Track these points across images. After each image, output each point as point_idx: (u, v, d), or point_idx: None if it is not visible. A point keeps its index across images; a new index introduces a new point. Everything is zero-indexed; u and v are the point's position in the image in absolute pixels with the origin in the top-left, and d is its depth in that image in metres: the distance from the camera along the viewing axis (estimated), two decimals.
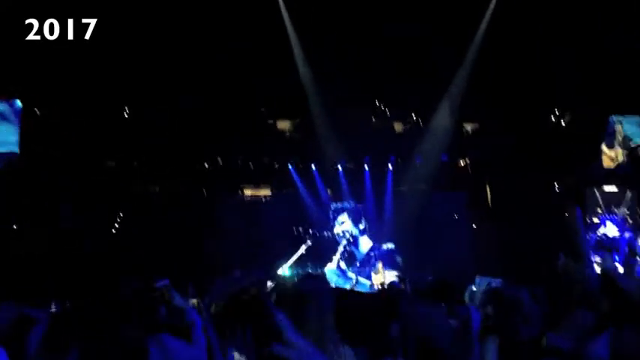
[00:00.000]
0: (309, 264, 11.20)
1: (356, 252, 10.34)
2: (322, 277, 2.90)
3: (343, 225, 10.43)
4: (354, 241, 10.35)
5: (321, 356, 1.07)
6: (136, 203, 13.37)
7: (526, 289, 3.83)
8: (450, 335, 3.37)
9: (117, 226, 13.39)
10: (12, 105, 12.11)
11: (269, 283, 10.46)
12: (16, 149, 11.91)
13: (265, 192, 14.83)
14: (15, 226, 12.26)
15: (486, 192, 15.05)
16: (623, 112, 9.00)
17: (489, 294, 3.70)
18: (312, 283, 2.72)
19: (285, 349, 1.08)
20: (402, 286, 8.23)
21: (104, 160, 13.47)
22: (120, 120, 13.32)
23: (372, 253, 10.97)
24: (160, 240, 12.10)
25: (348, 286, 9.89)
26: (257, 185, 14.71)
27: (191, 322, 2.38)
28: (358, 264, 10.23)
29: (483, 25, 12.44)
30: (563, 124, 14.06)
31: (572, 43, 11.45)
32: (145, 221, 12.81)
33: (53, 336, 2.96)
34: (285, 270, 10.89)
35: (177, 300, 2.64)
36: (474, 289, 6.17)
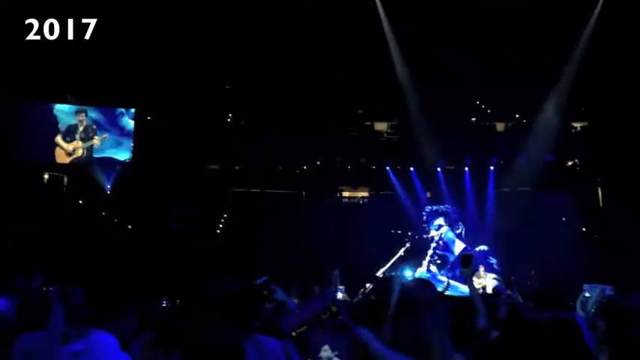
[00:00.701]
0: (406, 267, 11.08)
1: (449, 255, 10.09)
2: (432, 284, 2.80)
3: (440, 229, 10.21)
4: (446, 245, 10.11)
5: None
6: (238, 205, 13.86)
7: None
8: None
9: (221, 227, 13.94)
10: (126, 112, 13.03)
11: (368, 285, 10.50)
12: (128, 156, 12.83)
13: (363, 193, 14.87)
14: (130, 227, 13.08)
15: (597, 193, 14.22)
16: None
17: (608, 305, 3.46)
18: (424, 290, 2.66)
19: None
20: (509, 292, 7.96)
21: (208, 164, 14.05)
22: (223, 125, 13.86)
23: (460, 258, 10.66)
24: (261, 241, 12.46)
25: (440, 289, 9.69)
26: (355, 187, 14.78)
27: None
28: (449, 266, 9.99)
29: (592, 21, 11.76)
30: None
31: None
32: (247, 222, 13.24)
33: (163, 334, 3.15)
34: (383, 272, 10.83)
35: (280, 294, 2.72)
36: (587, 295, 5.83)
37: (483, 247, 10.70)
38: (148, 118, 13.29)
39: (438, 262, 10.17)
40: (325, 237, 12.90)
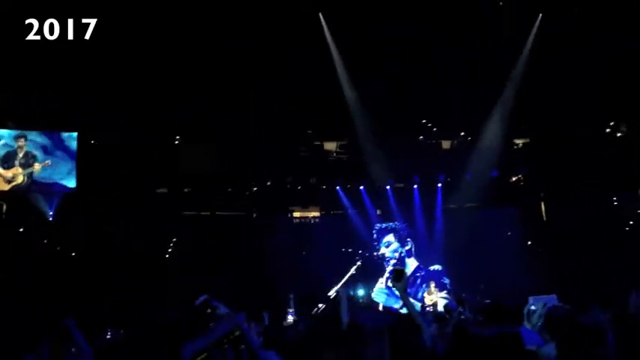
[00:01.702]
0: (359, 284, 11.12)
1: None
2: (377, 311, 2.80)
3: (390, 246, 10.29)
4: (401, 261, 10.20)
5: None
6: (188, 228, 13.61)
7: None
8: None
9: (170, 251, 13.65)
10: (68, 138, 12.66)
11: (320, 305, 10.45)
12: (72, 182, 12.44)
13: (314, 213, 14.86)
14: (73, 254, 12.66)
15: (540, 207, 14.64)
16: None
17: (557, 323, 3.49)
18: (368, 317, 2.65)
19: None
20: (460, 309, 8.04)
21: (156, 188, 13.78)
22: (170, 148, 13.65)
23: (418, 274, 10.80)
24: (212, 263, 12.25)
25: (397, 306, 9.74)
26: (306, 206, 14.76)
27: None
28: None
29: (530, 39, 12.22)
30: (618, 135, 13.58)
31: (622, 52, 11.11)
32: (198, 245, 13.01)
33: None
34: (335, 291, 10.81)
35: (222, 309, 2.65)
36: (532, 308, 5.95)
37: (437, 267, 10.86)
38: (92, 142, 12.96)
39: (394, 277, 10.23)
40: (277, 257, 12.80)
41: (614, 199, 13.87)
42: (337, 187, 14.30)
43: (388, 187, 14.04)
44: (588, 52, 11.34)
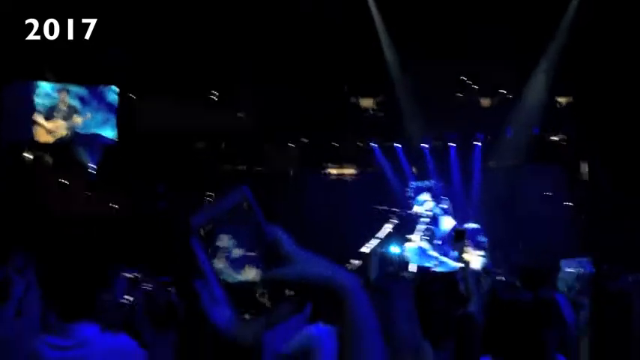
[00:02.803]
0: (394, 243, 11.11)
1: (436, 231, 10.08)
2: (404, 279, 2.80)
3: (425, 204, 10.17)
4: (434, 221, 10.10)
5: (326, 262, 0.99)
6: (224, 184, 13.77)
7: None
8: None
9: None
10: (109, 91, 12.83)
11: (353, 261, 10.53)
12: (112, 135, 12.67)
13: (350, 171, 14.83)
14: (116, 206, 12.97)
15: (582, 168, 14.29)
16: None
17: (592, 286, 3.44)
18: (391, 284, 2.66)
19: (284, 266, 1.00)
20: (498, 270, 8.01)
21: (194, 142, 13.92)
22: (208, 103, 13.71)
23: (454, 233, 10.69)
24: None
25: (429, 265, 9.71)
26: (341, 164, 14.73)
27: None
28: (440, 242, 9.98)
29: None
30: None
31: None
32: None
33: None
34: (368, 247, 10.85)
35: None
36: (567, 271, 5.87)
37: (474, 225, 10.73)
38: (132, 96, 13.10)
39: (428, 237, 10.18)
40: (312, 215, 12.89)
41: None
42: (373, 145, 14.19)
43: (425, 145, 13.87)
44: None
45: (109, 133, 12.61)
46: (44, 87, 12.47)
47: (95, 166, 12.72)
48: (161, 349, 2.85)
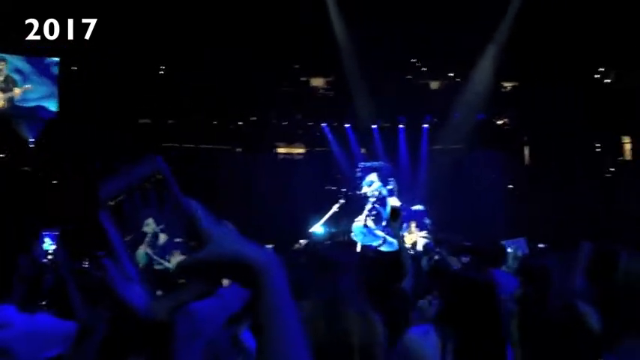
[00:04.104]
0: (340, 223, 11.19)
1: (382, 212, 10.19)
2: (351, 246, 2.84)
3: (372, 185, 10.26)
4: (381, 201, 10.20)
5: (241, 239, 0.98)
6: (169, 161, 13.49)
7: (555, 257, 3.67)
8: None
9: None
10: (50, 62, 12.33)
11: (301, 241, 10.56)
12: (53, 107, 12.21)
13: (299, 150, 14.81)
14: (54, 182, 12.57)
15: (524, 152, 14.73)
16: None
17: (522, 264, 3.57)
18: (341, 253, 2.68)
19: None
20: (437, 249, 8.16)
21: (139, 118, 13.58)
22: (155, 78, 13.37)
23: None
24: (193, 197, 12.21)
25: (375, 244, 9.83)
26: (290, 143, 14.69)
27: None
28: (384, 223, 10.11)
29: None
30: (607, 82, 13.52)
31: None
32: (179, 180, 12.93)
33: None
34: (317, 228, 10.90)
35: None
36: (508, 251, 6.08)
37: (419, 207, 10.89)
38: (73, 68, 12.63)
39: (374, 217, 10.28)
40: (260, 194, 12.82)
41: (597, 145, 13.97)
42: (323, 125, 14.19)
43: (374, 126, 13.96)
44: None
45: (51, 106, 12.14)
46: None
47: (33, 140, 12.26)
48: (95, 325, 2.77)
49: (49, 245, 9.01)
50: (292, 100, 14.05)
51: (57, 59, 12.27)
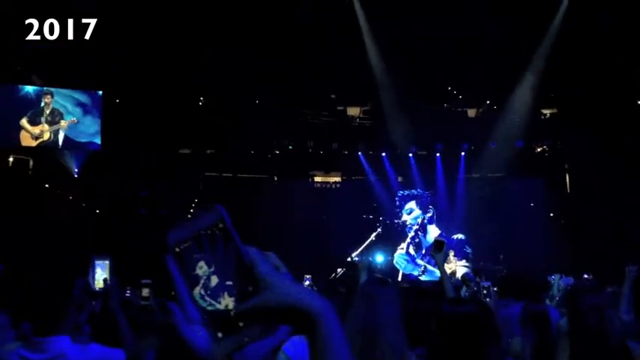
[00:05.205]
0: (378, 251, 11.15)
1: (423, 240, 10.14)
2: (390, 283, 2.82)
3: (412, 213, 10.24)
4: (422, 229, 10.16)
5: (297, 286, 1.01)
6: (209, 189, 13.73)
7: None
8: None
9: (192, 211, 13.81)
10: (94, 96, 12.74)
11: (339, 270, 10.54)
12: (97, 140, 12.58)
13: (335, 178, 14.87)
14: (97, 211, 12.87)
15: (565, 179, 14.45)
16: None
17: (569, 296, 3.49)
18: (378, 289, 2.66)
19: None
20: (477, 279, 8.04)
21: (179, 148, 13.86)
22: (195, 109, 13.67)
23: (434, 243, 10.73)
24: (233, 226, 12.33)
25: (416, 273, 9.77)
26: (327, 171, 14.76)
27: None
28: (424, 251, 10.05)
29: (563, 7, 11.84)
30: None
31: None
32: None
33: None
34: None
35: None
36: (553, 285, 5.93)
37: (460, 236, 10.78)
38: (117, 100, 13.02)
39: (415, 246, 10.23)
40: (297, 222, 12.87)
41: None
42: (359, 153, 14.24)
43: (410, 154, 13.94)
44: (622, 20, 10.97)
45: (96, 139, 12.52)
46: (29, 90, 12.36)
47: (77, 170, 12.62)
48: (142, 354, 2.84)
49: (100, 275, 9.24)
50: (329, 128, 14.17)
51: (100, 92, 12.68)
